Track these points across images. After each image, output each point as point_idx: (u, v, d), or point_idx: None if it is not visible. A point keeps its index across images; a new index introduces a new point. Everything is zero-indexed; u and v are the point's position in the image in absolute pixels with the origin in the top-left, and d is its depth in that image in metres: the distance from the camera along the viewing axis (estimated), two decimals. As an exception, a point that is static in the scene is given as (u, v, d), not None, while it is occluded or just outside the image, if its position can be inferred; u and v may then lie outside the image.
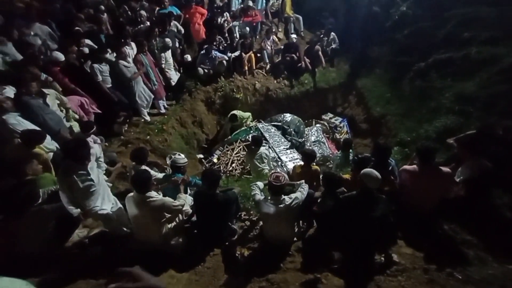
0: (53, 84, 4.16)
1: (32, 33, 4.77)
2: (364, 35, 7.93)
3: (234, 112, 6.38)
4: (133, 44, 5.48)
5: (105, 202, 2.81)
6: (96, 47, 5.19)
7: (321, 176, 3.50)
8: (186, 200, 3.03)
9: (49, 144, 3.35)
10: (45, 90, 3.81)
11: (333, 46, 7.83)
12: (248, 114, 6.69)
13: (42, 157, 3.01)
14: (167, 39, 5.80)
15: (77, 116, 4.24)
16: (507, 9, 5.24)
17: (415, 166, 3.05)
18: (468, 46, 5.23)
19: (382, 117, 6.07)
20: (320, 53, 7.60)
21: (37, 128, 3.25)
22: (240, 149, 5.93)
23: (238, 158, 5.79)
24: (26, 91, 3.42)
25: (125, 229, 3.00)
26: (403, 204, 3.05)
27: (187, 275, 2.71)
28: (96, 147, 3.08)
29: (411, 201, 3.05)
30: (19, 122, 3.17)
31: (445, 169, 2.96)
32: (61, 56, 4.33)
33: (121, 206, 2.97)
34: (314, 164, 4.02)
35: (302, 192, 2.97)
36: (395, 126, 5.58)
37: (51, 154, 3.27)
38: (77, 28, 5.32)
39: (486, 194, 3.10)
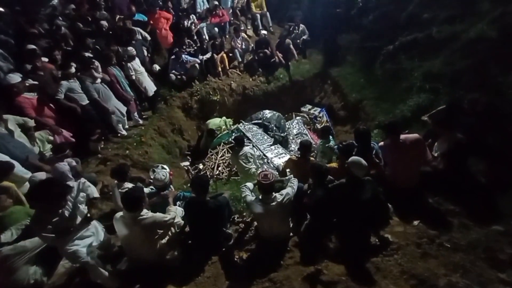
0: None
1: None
2: (333, 24, 8.06)
3: (210, 127, 6.26)
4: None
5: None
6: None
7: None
8: (176, 212, 2.94)
9: (24, 173, 3.10)
10: (4, 116, 3.52)
11: (304, 37, 7.91)
12: (222, 120, 6.57)
13: (12, 189, 2.77)
14: (129, 48, 5.56)
15: (51, 138, 3.97)
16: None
17: (387, 140, 3.27)
18: (429, 26, 5.46)
19: (358, 103, 6.23)
20: (291, 46, 7.66)
21: (3, 160, 2.99)
22: (224, 151, 5.87)
23: (224, 161, 5.72)
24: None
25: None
26: (390, 183, 3.17)
27: (187, 288, 2.64)
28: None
29: (396, 177, 3.20)
30: None
31: (412, 135, 3.17)
32: (15, 78, 3.95)
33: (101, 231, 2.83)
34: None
35: (292, 187, 2.98)
36: (372, 109, 5.75)
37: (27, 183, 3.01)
38: (31, 46, 4.85)
39: (463, 164, 3.27)
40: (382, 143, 3.41)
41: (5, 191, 2.73)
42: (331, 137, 4.92)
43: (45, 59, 4.85)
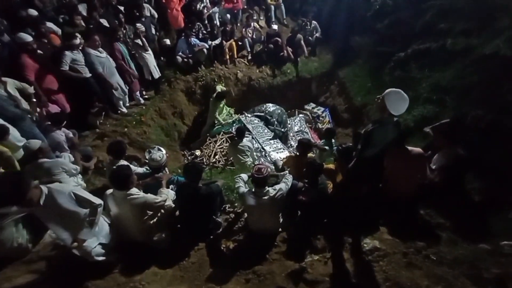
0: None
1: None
2: (346, 25, 7.94)
3: (218, 90, 6.26)
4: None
5: None
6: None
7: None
8: (168, 195, 2.93)
9: (18, 141, 3.05)
10: (3, 78, 3.43)
11: (316, 35, 7.79)
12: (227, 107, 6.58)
13: (5, 154, 2.74)
14: (138, 24, 5.43)
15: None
16: (482, 0, 5.39)
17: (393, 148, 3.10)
18: (444, 37, 5.37)
19: (363, 107, 6.18)
20: (302, 42, 7.56)
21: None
22: (223, 141, 5.85)
23: (222, 150, 5.71)
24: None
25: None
26: (386, 191, 3.15)
27: (171, 271, 2.65)
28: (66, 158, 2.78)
29: (394, 186, 3.12)
30: None
31: (416, 149, 3.05)
32: (26, 37, 3.80)
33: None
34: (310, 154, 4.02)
35: (286, 183, 2.97)
36: (376, 115, 5.72)
37: (21, 150, 2.97)
38: (33, 11, 4.58)
39: (459, 180, 3.25)
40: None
41: (-2, 155, 2.71)
42: (333, 140, 4.88)
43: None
